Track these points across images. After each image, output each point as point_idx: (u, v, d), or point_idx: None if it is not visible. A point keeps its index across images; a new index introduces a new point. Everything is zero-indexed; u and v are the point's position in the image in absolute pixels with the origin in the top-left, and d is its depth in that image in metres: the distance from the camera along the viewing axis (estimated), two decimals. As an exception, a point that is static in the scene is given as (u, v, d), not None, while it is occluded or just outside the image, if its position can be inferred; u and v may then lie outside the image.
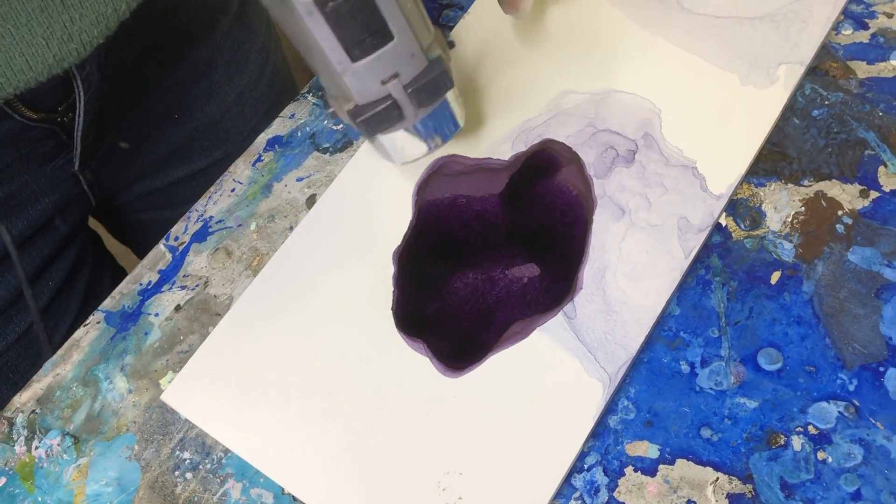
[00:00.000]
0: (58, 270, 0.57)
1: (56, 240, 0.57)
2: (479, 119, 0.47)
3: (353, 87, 0.35)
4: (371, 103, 0.36)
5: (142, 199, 0.65)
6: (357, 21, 0.32)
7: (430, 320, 0.43)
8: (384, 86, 0.35)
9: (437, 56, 0.36)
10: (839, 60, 0.46)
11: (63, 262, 0.58)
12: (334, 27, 0.32)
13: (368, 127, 0.37)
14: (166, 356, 0.45)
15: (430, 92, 0.36)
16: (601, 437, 0.39)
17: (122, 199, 0.65)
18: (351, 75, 0.34)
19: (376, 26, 0.33)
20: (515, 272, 0.44)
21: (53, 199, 0.55)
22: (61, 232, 0.57)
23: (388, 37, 0.33)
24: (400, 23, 0.33)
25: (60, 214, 0.57)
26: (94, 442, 0.43)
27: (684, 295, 0.42)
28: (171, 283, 0.47)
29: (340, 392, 0.41)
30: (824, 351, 0.39)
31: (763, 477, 0.37)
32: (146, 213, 0.67)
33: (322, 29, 0.32)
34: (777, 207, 0.43)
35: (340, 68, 0.34)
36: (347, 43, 0.33)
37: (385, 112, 0.36)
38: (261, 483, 0.41)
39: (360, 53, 0.33)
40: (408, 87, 0.35)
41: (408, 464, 0.39)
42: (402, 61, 0.35)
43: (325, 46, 0.33)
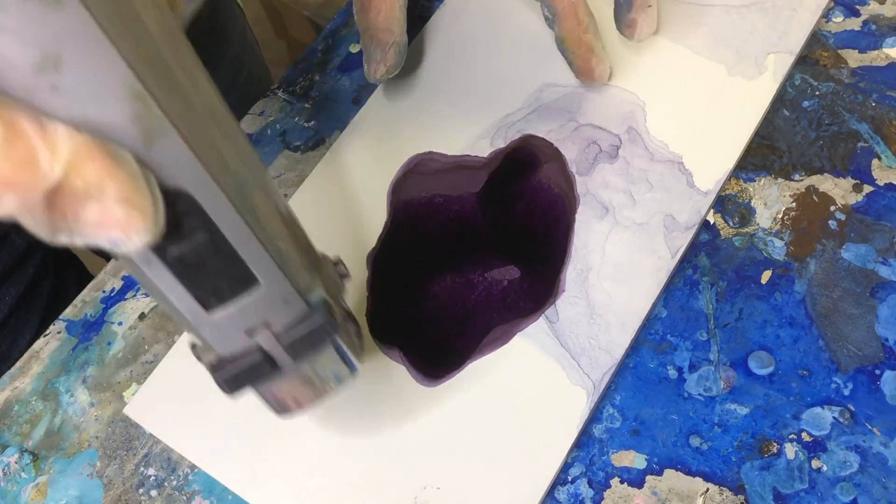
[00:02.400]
0: (15, 285, 0.55)
1: (12, 255, 0.55)
2: (456, 114, 0.45)
3: (211, 339, 0.28)
4: (235, 356, 0.28)
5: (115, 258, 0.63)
6: (210, 268, 0.25)
7: (405, 326, 0.41)
8: (251, 337, 0.28)
9: (319, 299, 0.29)
10: (830, 49, 0.44)
11: (21, 277, 0.56)
12: (181, 276, 0.25)
13: (232, 385, 0.29)
14: (130, 367, 0.43)
15: (309, 344, 0.29)
16: (585, 447, 0.37)
17: None
18: (207, 327, 0.27)
19: (236, 273, 0.26)
20: (495, 275, 0.42)
21: None
22: (18, 247, 0.55)
23: (252, 282, 0.26)
24: (267, 265, 0.26)
25: (17, 229, 0.55)
26: (54, 459, 0.41)
27: (671, 296, 0.40)
28: (135, 290, 0.45)
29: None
30: (818, 353, 0.37)
31: (755, 487, 0.35)
32: None
33: (165, 279, 0.25)
34: (767, 203, 0.41)
35: (194, 320, 0.27)
36: (199, 292, 0.26)
37: (253, 367, 0.29)
38: (229, 500, 0.39)
39: (217, 302, 0.26)
40: (281, 338, 0.28)
41: (382, 478, 0.37)
42: (271, 308, 0.28)
43: (171, 297, 0.26)
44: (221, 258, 0.25)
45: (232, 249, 0.25)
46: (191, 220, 0.23)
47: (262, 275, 0.26)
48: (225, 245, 0.25)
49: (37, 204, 0.19)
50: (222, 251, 0.25)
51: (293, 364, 0.30)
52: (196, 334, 0.28)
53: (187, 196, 0.23)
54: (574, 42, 0.41)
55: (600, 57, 0.42)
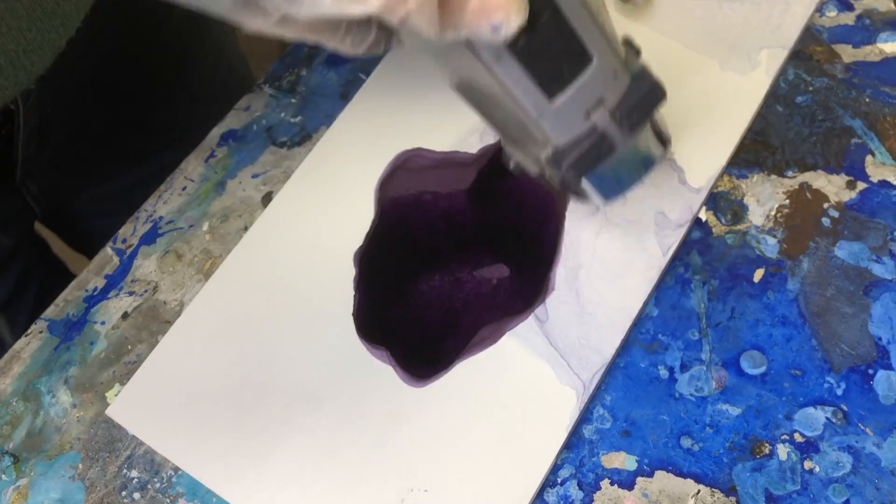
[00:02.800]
0: (3, 285, 0.54)
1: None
2: (445, 110, 0.44)
3: (552, 129, 0.29)
4: (573, 142, 0.30)
5: (92, 206, 0.62)
6: (553, 51, 0.27)
7: (393, 326, 0.41)
8: (588, 119, 0.29)
9: (639, 68, 0.30)
10: (823, 44, 0.44)
11: (8, 276, 0.55)
12: (528, 65, 0.26)
13: (576, 171, 0.31)
14: (113, 367, 0.42)
15: (643, 111, 0.30)
16: (575, 448, 0.37)
17: (71, 207, 0.62)
18: (549, 116, 0.28)
19: (574, 51, 0.27)
20: (484, 273, 0.41)
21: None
22: (4, 246, 0.54)
23: (587, 59, 0.27)
24: (599, 40, 0.27)
25: (2, 228, 0.54)
26: (36, 461, 0.40)
27: (662, 295, 0.39)
28: (118, 289, 0.44)
29: (297, 405, 0.39)
30: (811, 353, 0.37)
31: (747, 489, 0.35)
32: (98, 219, 0.63)
33: (513, 72, 0.26)
34: (760, 200, 0.41)
35: (537, 112, 0.28)
36: (543, 79, 0.27)
37: (593, 149, 0.30)
38: (213, 503, 0.38)
39: (559, 87, 0.28)
40: (616, 111, 0.30)
41: (369, 481, 0.37)
42: (605, 84, 0.29)
43: (517, 92, 0.27)
44: (562, 39, 0.27)
45: (571, 28, 0.26)
46: (537, 4, 0.25)
47: (595, 50, 0.27)
48: (564, 24, 0.26)
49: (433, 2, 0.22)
50: (563, 31, 0.26)
51: (625, 139, 0.31)
52: (533, 131, 0.29)
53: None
54: None
55: None
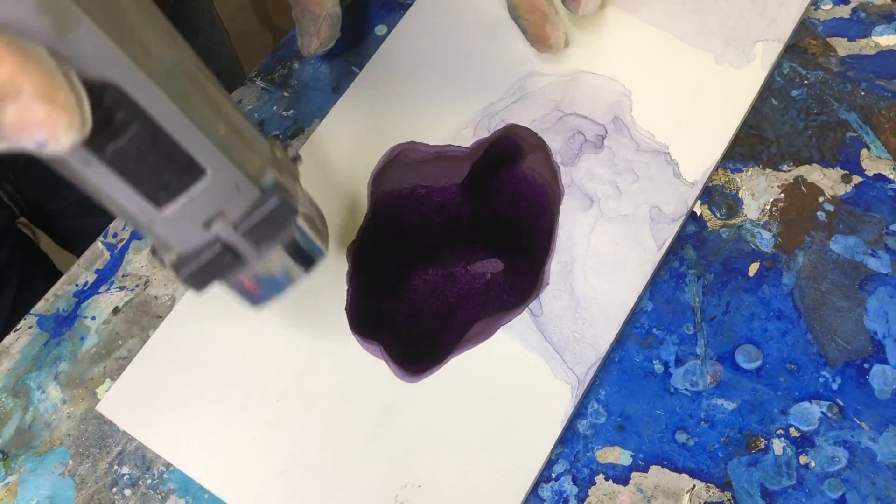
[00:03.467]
0: None
1: None
2: (439, 103, 0.44)
3: (167, 236, 0.27)
4: (195, 251, 0.28)
5: (75, 206, 0.61)
6: (150, 161, 0.24)
7: (386, 321, 0.40)
8: (208, 229, 0.27)
9: (271, 182, 0.28)
10: (819, 37, 0.43)
11: None
12: (123, 174, 0.24)
13: (199, 280, 0.28)
14: (104, 363, 0.42)
15: (270, 228, 0.28)
16: (570, 443, 0.37)
17: (54, 206, 0.61)
18: (161, 225, 0.26)
19: (179, 163, 0.25)
20: (478, 268, 0.41)
21: None
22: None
23: (198, 171, 0.25)
24: (211, 152, 0.25)
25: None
26: (25, 457, 0.40)
27: (657, 289, 0.39)
28: (108, 284, 0.44)
29: (290, 400, 0.38)
30: (806, 347, 0.37)
31: (742, 484, 0.35)
32: (82, 219, 0.63)
33: (109, 179, 0.24)
34: (755, 194, 0.40)
35: (146, 220, 0.26)
36: (146, 190, 0.25)
37: (215, 261, 0.28)
38: (205, 499, 0.38)
39: (167, 197, 0.25)
40: (238, 226, 0.28)
41: (362, 477, 0.36)
42: (224, 197, 0.27)
43: (118, 198, 0.25)
44: (161, 150, 0.24)
45: (170, 139, 0.24)
46: (122, 113, 0.22)
47: (208, 162, 0.25)
48: (162, 135, 0.24)
49: None
50: (161, 142, 0.24)
51: (256, 253, 0.29)
52: (151, 234, 0.27)
53: (113, 87, 0.22)
54: (527, 9, 0.40)
55: (555, 23, 0.40)
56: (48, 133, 0.20)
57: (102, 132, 0.22)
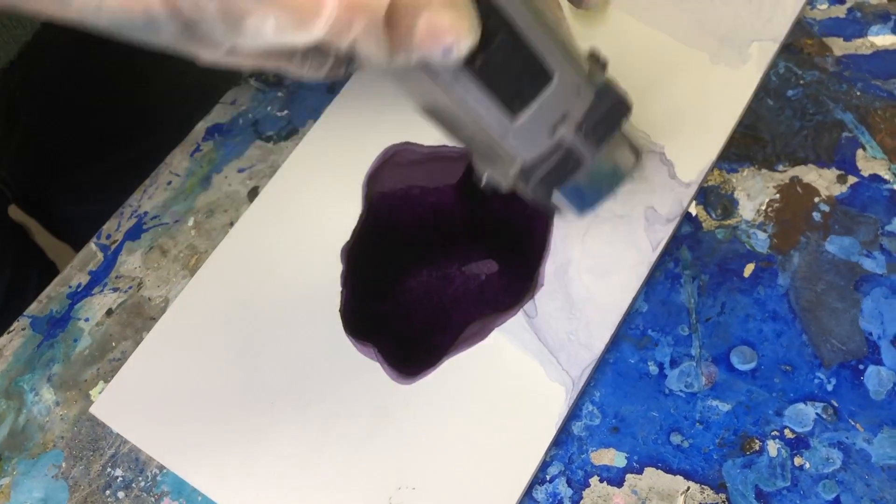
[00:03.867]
0: None
1: None
2: (433, 103, 0.44)
3: (517, 146, 0.29)
4: (541, 158, 0.30)
5: (68, 193, 0.61)
6: (512, 69, 0.26)
7: (381, 322, 0.40)
8: (553, 134, 0.29)
9: (603, 81, 0.30)
10: (814, 37, 0.43)
11: None
12: (487, 85, 0.26)
13: (546, 187, 0.31)
14: (97, 365, 0.42)
15: (609, 125, 0.30)
16: (564, 445, 0.37)
17: (46, 193, 0.61)
18: (514, 134, 0.28)
19: (534, 69, 0.27)
20: (472, 269, 0.41)
21: None
22: None
23: (548, 76, 0.27)
24: (558, 57, 0.27)
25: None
26: (18, 460, 0.40)
27: (652, 290, 0.39)
28: (102, 285, 0.44)
29: (284, 402, 0.38)
30: (801, 348, 0.37)
31: (737, 485, 0.35)
32: (76, 206, 0.63)
33: (473, 92, 0.26)
34: (750, 195, 0.40)
35: (501, 130, 0.28)
36: (504, 98, 0.27)
37: (561, 164, 0.30)
38: (198, 502, 0.38)
39: (521, 105, 0.28)
40: (581, 126, 0.29)
41: (356, 479, 0.36)
42: (568, 100, 0.29)
43: (478, 111, 0.27)
44: (520, 57, 0.26)
45: (528, 46, 0.26)
46: (491, 22, 0.25)
47: (556, 66, 0.27)
48: (522, 43, 0.26)
49: (379, 24, 0.21)
50: (520, 49, 0.26)
51: (593, 155, 0.31)
52: (499, 148, 0.29)
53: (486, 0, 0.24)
54: None
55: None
56: (454, 39, 0.22)
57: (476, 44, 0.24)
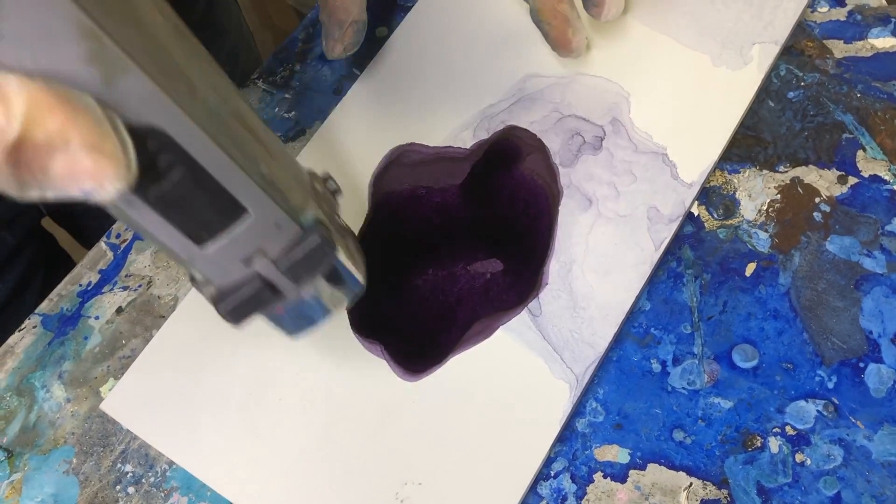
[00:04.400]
0: (6, 282, 0.54)
1: (3, 252, 0.54)
2: (439, 105, 0.44)
3: (208, 272, 0.28)
4: (235, 286, 0.28)
5: (99, 206, 0.62)
6: (194, 203, 0.24)
7: (387, 320, 0.41)
8: (249, 265, 0.28)
9: (312, 219, 0.28)
10: (815, 39, 0.44)
11: (12, 274, 0.55)
12: (166, 215, 0.24)
13: (238, 314, 0.29)
14: (107, 362, 0.42)
15: (309, 265, 0.29)
16: (568, 441, 0.37)
17: (77, 206, 0.61)
18: (202, 262, 0.27)
19: (222, 204, 0.25)
20: (478, 268, 0.41)
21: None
22: (9, 244, 0.54)
23: (240, 211, 0.26)
24: (253, 192, 0.25)
25: (7, 227, 0.54)
26: (29, 456, 0.40)
27: (655, 289, 0.39)
28: (112, 284, 0.44)
29: (291, 399, 0.39)
30: (802, 346, 0.37)
31: (739, 481, 0.35)
32: (107, 218, 0.63)
33: (150, 217, 0.24)
34: (751, 195, 0.41)
35: (188, 257, 0.26)
36: (188, 228, 0.25)
37: (255, 295, 0.28)
38: (208, 497, 0.38)
39: (208, 236, 0.26)
40: (279, 263, 0.28)
41: (363, 474, 0.37)
42: (264, 235, 0.27)
43: (160, 236, 0.25)
44: (205, 191, 0.24)
45: (214, 181, 0.24)
46: (166, 157, 0.23)
47: (250, 202, 0.26)
48: (206, 177, 0.24)
49: (0, 162, 0.18)
50: (204, 184, 0.24)
51: (295, 287, 0.29)
52: (192, 269, 0.28)
53: (159, 132, 0.22)
54: (549, 13, 0.40)
55: (577, 28, 0.41)
56: (95, 182, 0.20)
57: (146, 175, 0.22)
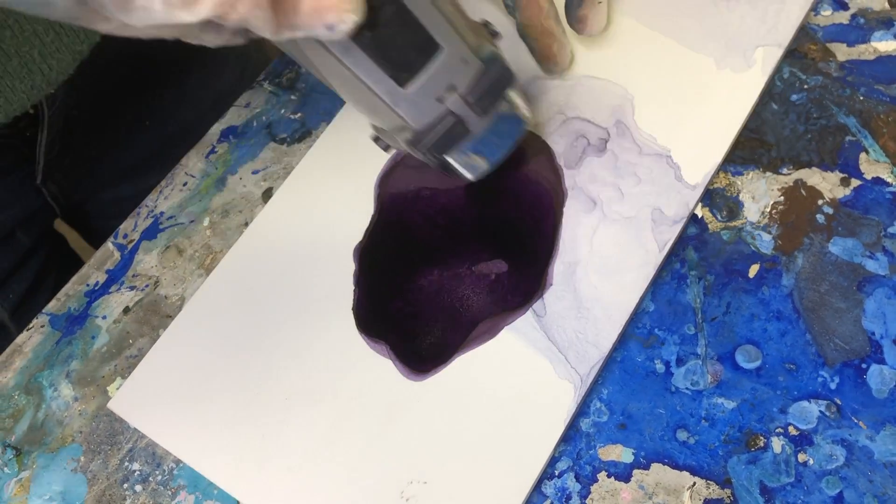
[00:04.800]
0: (19, 283, 0.55)
1: (18, 253, 0.55)
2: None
3: (407, 114, 0.31)
4: (430, 126, 0.32)
5: (112, 207, 0.62)
6: (399, 42, 0.28)
7: (392, 320, 0.41)
8: (441, 103, 0.31)
9: (490, 53, 0.32)
10: (818, 42, 0.44)
11: (26, 273, 0.56)
12: (376, 57, 0.28)
13: (435, 151, 0.33)
14: (114, 361, 0.42)
15: (493, 95, 0.32)
16: (573, 441, 0.37)
17: (91, 207, 0.62)
18: (403, 103, 0.30)
19: (421, 41, 0.29)
20: (483, 268, 0.42)
21: (13, 212, 0.53)
22: (23, 244, 0.55)
23: (435, 48, 0.29)
24: (445, 29, 0.29)
25: (22, 227, 0.54)
26: (38, 454, 0.41)
27: (659, 290, 0.40)
28: (119, 284, 0.44)
29: (298, 398, 0.39)
30: (805, 347, 0.37)
31: (742, 481, 0.35)
32: (119, 220, 0.64)
33: (363, 63, 0.28)
34: (755, 197, 0.41)
35: (391, 99, 0.30)
36: (394, 69, 0.29)
37: (449, 132, 0.32)
38: (214, 495, 0.39)
39: (409, 76, 0.29)
40: (467, 96, 0.31)
41: (369, 473, 0.37)
42: (455, 71, 0.30)
43: (369, 81, 0.29)
44: (408, 30, 0.28)
45: (415, 19, 0.28)
46: None
47: (443, 39, 0.29)
48: (410, 16, 0.28)
49: (263, 2, 0.22)
50: (408, 23, 0.28)
51: (480, 121, 0.33)
52: (391, 116, 0.31)
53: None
54: (536, 29, 0.41)
55: (562, 42, 0.41)
56: (336, 18, 0.24)
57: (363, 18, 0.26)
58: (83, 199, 0.61)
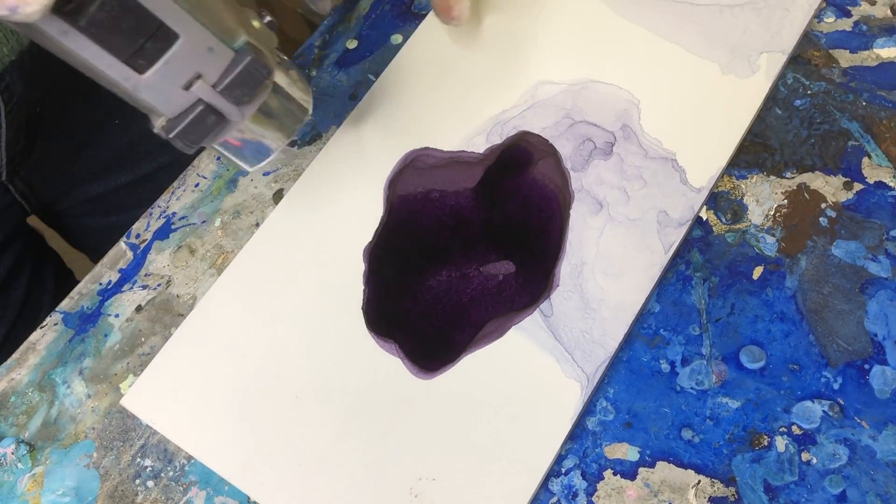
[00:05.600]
0: None
1: None
2: (453, 110, 0.45)
3: (153, 101, 0.30)
4: (181, 114, 0.31)
5: (85, 205, 0.62)
6: (124, 28, 0.27)
7: (401, 320, 0.41)
8: (189, 91, 0.30)
9: (243, 43, 0.31)
10: (822, 49, 0.45)
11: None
12: (100, 41, 0.27)
13: (186, 140, 0.31)
14: (127, 359, 0.43)
15: (247, 85, 0.31)
16: (579, 439, 0.38)
17: (63, 205, 0.62)
18: (145, 89, 0.29)
19: (151, 28, 0.28)
20: (490, 269, 0.42)
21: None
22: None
23: (172, 36, 0.28)
24: (180, 17, 0.28)
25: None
26: (51, 450, 0.41)
27: (664, 291, 0.40)
28: (132, 283, 0.45)
29: (308, 396, 0.40)
30: (808, 348, 0.38)
31: (746, 479, 0.36)
32: (91, 218, 0.64)
33: (88, 47, 0.27)
34: (759, 200, 0.42)
35: (130, 85, 0.29)
36: (124, 55, 0.28)
37: (199, 120, 0.31)
38: (225, 491, 0.39)
39: (145, 63, 0.28)
40: (217, 85, 0.30)
41: (378, 470, 0.38)
42: (199, 59, 0.29)
43: (100, 65, 0.28)
44: (132, 15, 0.27)
45: (139, 4, 0.27)
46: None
47: (179, 27, 0.28)
48: (132, 4, 0.26)
49: None
50: (130, 7, 0.26)
51: (237, 111, 0.32)
52: (138, 101, 0.30)
53: None
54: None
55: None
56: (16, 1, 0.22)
57: (74, 1, 0.25)
58: (55, 197, 0.61)
